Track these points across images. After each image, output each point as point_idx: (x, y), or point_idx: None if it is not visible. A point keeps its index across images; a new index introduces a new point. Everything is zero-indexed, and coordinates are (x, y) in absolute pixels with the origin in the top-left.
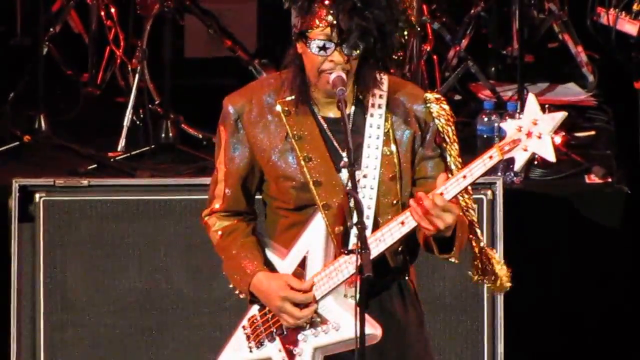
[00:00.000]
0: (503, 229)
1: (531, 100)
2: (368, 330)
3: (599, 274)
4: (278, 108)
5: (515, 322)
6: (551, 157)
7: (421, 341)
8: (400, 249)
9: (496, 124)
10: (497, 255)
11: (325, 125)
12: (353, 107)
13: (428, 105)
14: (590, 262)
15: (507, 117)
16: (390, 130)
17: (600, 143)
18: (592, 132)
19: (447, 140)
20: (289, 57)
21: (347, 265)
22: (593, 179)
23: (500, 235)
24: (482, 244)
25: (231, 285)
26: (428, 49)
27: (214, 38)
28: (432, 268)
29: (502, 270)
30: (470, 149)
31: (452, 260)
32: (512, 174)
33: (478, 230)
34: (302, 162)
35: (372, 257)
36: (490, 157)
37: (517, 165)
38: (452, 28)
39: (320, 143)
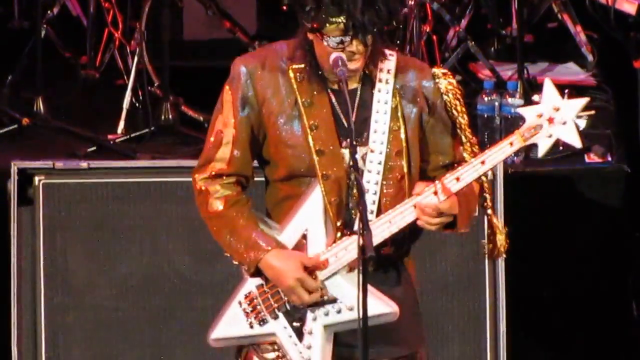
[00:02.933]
0: (504, 209)
1: (549, 86)
2: (384, 309)
3: (599, 253)
4: (290, 74)
5: (517, 301)
6: (578, 143)
7: (415, 316)
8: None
9: (496, 103)
10: (500, 223)
11: (334, 98)
12: (361, 81)
13: (437, 81)
14: (590, 241)
15: (511, 95)
16: (399, 106)
17: (600, 122)
18: (592, 112)
19: (456, 114)
20: (298, 36)
21: (355, 246)
22: (593, 158)
23: (500, 215)
24: (489, 211)
25: (227, 254)
26: (428, 30)
27: (213, 19)
28: (433, 248)
29: (501, 238)
30: (472, 128)
31: (461, 231)
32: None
33: (487, 196)
34: (308, 130)
35: (383, 238)
36: (511, 143)
37: (541, 152)
38: (452, 8)
39: (328, 113)
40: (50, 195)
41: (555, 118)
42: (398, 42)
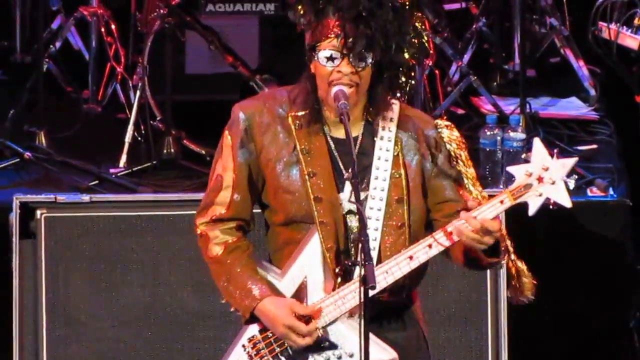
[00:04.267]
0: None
1: (538, 146)
2: (383, 356)
3: (602, 286)
4: (289, 120)
5: (519, 331)
6: (567, 203)
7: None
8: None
9: (499, 138)
10: (524, 266)
11: (333, 145)
12: (362, 129)
13: (439, 130)
14: (593, 274)
15: (513, 130)
16: (400, 154)
17: (602, 156)
18: (594, 146)
19: (462, 164)
20: (303, 76)
21: (354, 295)
22: (595, 191)
23: None
24: (512, 257)
25: (223, 301)
26: (430, 64)
27: (215, 54)
28: (435, 279)
29: (527, 281)
30: (474, 162)
31: (502, 262)
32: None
33: (508, 241)
34: (306, 177)
35: (379, 289)
36: (502, 201)
37: (532, 211)
38: (454, 43)
39: (327, 161)
40: (52, 229)
41: (544, 177)
42: (400, 95)
